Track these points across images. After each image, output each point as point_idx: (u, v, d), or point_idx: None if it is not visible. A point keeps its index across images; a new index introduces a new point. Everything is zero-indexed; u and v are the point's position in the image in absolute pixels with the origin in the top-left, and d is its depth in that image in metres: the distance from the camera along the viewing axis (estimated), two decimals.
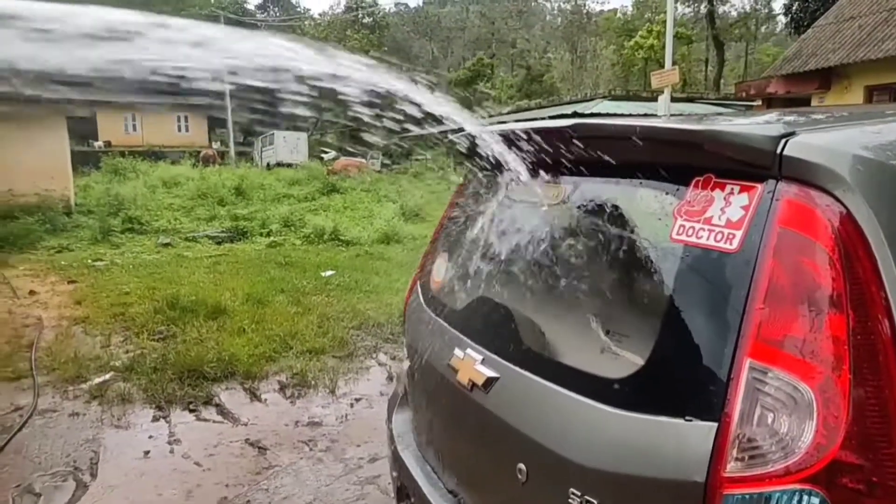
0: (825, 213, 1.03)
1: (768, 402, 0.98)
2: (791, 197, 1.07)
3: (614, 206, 1.37)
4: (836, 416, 0.94)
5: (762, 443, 0.97)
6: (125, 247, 11.24)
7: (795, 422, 0.96)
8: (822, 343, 0.97)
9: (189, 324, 5.91)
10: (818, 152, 1.06)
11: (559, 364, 1.34)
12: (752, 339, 1.02)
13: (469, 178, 2.05)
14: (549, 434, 1.29)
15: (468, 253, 1.86)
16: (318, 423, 4.05)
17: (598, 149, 1.31)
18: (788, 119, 1.39)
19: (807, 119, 1.39)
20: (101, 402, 4.33)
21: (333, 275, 8.34)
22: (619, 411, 1.16)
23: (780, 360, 0.99)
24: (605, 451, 1.17)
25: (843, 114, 1.60)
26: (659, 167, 1.22)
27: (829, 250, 1.01)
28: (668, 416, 1.08)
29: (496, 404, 1.46)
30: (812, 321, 0.99)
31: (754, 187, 1.11)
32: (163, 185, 17.25)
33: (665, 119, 1.18)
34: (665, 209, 1.23)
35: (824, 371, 0.96)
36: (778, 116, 1.49)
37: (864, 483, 0.93)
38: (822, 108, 1.09)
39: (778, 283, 1.03)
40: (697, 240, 1.15)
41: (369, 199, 17.22)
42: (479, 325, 1.65)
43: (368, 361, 5.18)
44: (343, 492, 3.21)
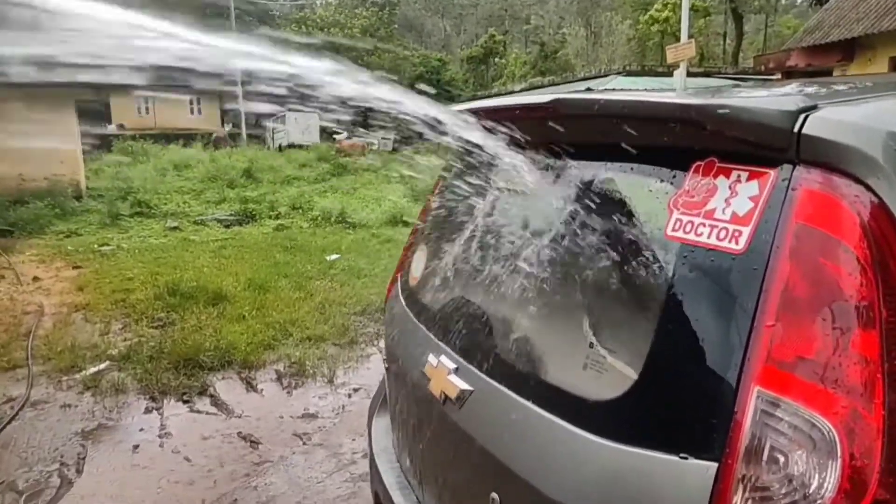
0: (853, 204, 0.84)
1: (780, 442, 0.79)
2: (811, 185, 0.87)
3: (601, 196, 1.17)
4: (866, 461, 0.75)
5: (772, 489, 0.79)
6: (133, 231, 11.19)
7: (815, 466, 0.77)
8: (849, 367, 0.78)
9: (189, 311, 5.81)
10: (845, 130, 0.86)
11: (538, 380, 1.16)
12: (760, 363, 0.83)
13: (450, 166, 1.86)
14: (525, 462, 1.11)
15: (446, 248, 1.68)
16: (314, 416, 3.92)
17: (583, 129, 1.12)
18: (808, 91, 1.18)
19: (829, 90, 1.18)
20: (95, 392, 4.22)
21: (338, 258, 8.19)
22: (603, 441, 0.98)
23: (795, 389, 0.80)
24: (585, 487, 0.99)
25: (869, 84, 1.38)
26: (653, 149, 1.03)
27: (857, 251, 0.82)
28: (660, 451, 0.90)
29: (469, 421, 1.28)
30: (836, 340, 0.80)
31: (766, 174, 0.91)
32: (173, 168, 17.16)
33: (663, 93, 0.98)
34: (660, 200, 1.03)
35: (851, 403, 0.77)
36: (796, 88, 1.28)
37: None
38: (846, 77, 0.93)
39: (794, 293, 0.84)
40: (697, 238, 0.96)
41: (379, 180, 17.02)
42: (454, 329, 1.47)
43: (369, 349, 5.03)
44: (335, 489, 3.08)
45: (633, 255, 1.06)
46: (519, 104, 1.25)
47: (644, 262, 1.04)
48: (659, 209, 1.02)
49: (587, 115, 1.09)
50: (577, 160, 1.21)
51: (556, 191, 1.25)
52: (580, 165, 1.21)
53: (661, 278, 0.99)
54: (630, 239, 1.08)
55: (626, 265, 1.07)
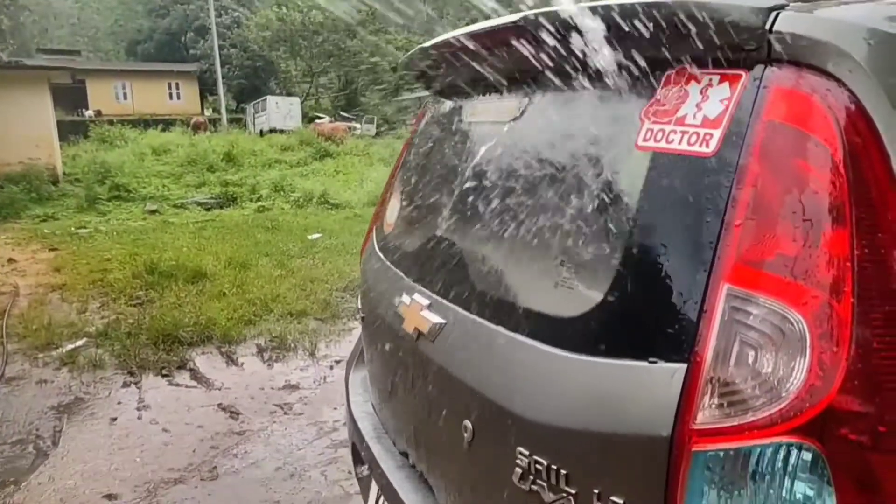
0: (825, 100, 0.81)
1: (750, 337, 0.78)
2: (782, 83, 0.85)
3: (574, 114, 1.14)
4: (834, 350, 0.73)
5: (741, 387, 0.77)
6: (111, 214, 11.04)
7: (784, 359, 0.75)
8: (819, 262, 0.76)
9: (168, 288, 5.74)
10: (817, 25, 0.84)
11: (509, 304, 1.14)
12: (730, 261, 0.81)
13: (423, 109, 1.82)
14: (496, 385, 1.09)
15: (418, 190, 1.64)
16: (295, 387, 3.89)
17: (555, 45, 1.08)
18: None
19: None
20: (72, 368, 4.16)
21: (320, 238, 8.13)
22: (572, 355, 0.96)
23: (766, 284, 0.78)
24: (556, 402, 0.97)
25: None
26: (624, 58, 1.00)
27: (829, 146, 0.80)
28: (630, 358, 0.88)
29: (442, 354, 1.26)
30: (807, 235, 0.78)
31: (738, 76, 0.89)
32: (152, 153, 16.89)
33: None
34: (632, 112, 1.01)
35: (821, 295, 0.75)
36: None
37: (868, 434, 0.73)
38: None
39: (764, 190, 0.82)
40: (668, 145, 0.93)
41: (362, 164, 16.90)
42: (427, 267, 1.44)
43: (352, 323, 4.99)
44: (315, 455, 3.06)
45: (603, 169, 1.04)
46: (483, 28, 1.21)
47: (615, 174, 1.01)
48: (631, 121, 1.00)
49: (558, 29, 1.05)
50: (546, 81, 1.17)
51: (531, 115, 1.22)
52: (549, 86, 1.17)
53: (633, 188, 0.97)
54: (602, 155, 1.06)
55: (598, 180, 1.04)
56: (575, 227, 1.06)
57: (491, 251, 1.24)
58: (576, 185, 1.08)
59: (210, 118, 30.19)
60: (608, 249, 0.98)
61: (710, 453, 0.78)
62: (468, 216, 1.32)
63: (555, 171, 1.14)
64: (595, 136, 1.09)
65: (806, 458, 0.74)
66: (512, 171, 1.23)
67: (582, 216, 1.04)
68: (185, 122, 25.70)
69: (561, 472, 0.94)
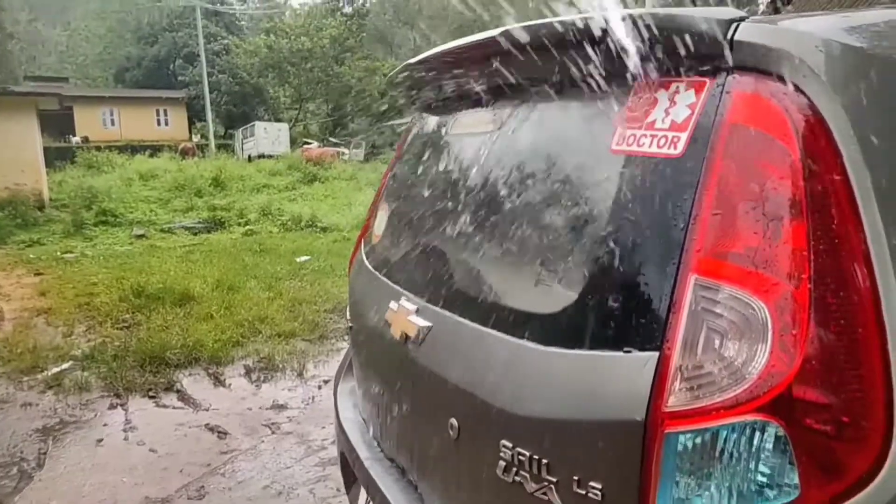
0: (783, 104, 0.88)
1: (716, 323, 0.82)
2: (744, 88, 0.91)
3: (552, 123, 1.20)
4: (794, 334, 0.78)
5: (708, 371, 0.82)
6: (98, 239, 11.00)
7: (747, 344, 0.80)
8: (779, 252, 0.82)
9: (155, 311, 5.72)
10: (774, 35, 0.90)
11: (492, 304, 1.18)
12: (697, 254, 0.86)
13: (410, 125, 1.88)
14: (480, 382, 1.13)
15: (405, 201, 1.69)
16: (283, 406, 3.88)
17: (533, 58, 1.14)
18: (745, 11, 1.23)
19: (765, 11, 1.23)
20: (57, 391, 4.13)
21: (308, 260, 8.15)
22: (551, 349, 1.01)
23: (730, 275, 0.83)
24: (537, 395, 1.01)
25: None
26: (599, 68, 1.06)
27: (787, 146, 0.86)
28: (606, 349, 0.93)
29: (429, 356, 1.30)
30: (767, 228, 0.83)
31: (703, 82, 0.95)
32: (139, 178, 16.86)
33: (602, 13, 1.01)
34: (607, 118, 1.06)
35: (781, 284, 0.81)
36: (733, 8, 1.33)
37: (826, 412, 0.77)
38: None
39: (727, 188, 0.87)
40: (639, 148, 0.99)
41: (350, 188, 16.98)
42: (413, 274, 1.48)
43: (340, 344, 5.00)
44: (304, 473, 3.05)
45: (580, 174, 1.09)
46: (465, 44, 1.27)
47: (591, 178, 1.07)
48: (606, 127, 1.05)
49: (537, 42, 1.11)
50: (526, 93, 1.23)
51: (512, 125, 1.27)
52: (530, 97, 1.23)
53: (607, 190, 1.02)
54: (578, 160, 1.11)
55: (575, 184, 1.10)
56: (553, 229, 1.11)
57: (475, 255, 1.28)
58: (553, 190, 1.13)
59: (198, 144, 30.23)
60: (585, 248, 1.03)
61: (681, 434, 0.82)
62: (453, 224, 1.36)
63: (534, 178, 1.19)
64: (572, 142, 1.15)
65: (769, 436, 0.78)
66: (493, 179, 1.28)
67: (559, 218, 1.09)
68: (173, 148, 25.71)
69: (542, 462, 0.98)
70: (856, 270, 0.81)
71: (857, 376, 0.78)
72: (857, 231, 0.82)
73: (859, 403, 0.78)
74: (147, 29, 40.52)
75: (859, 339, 0.79)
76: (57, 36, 47.22)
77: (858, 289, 0.80)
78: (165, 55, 39.62)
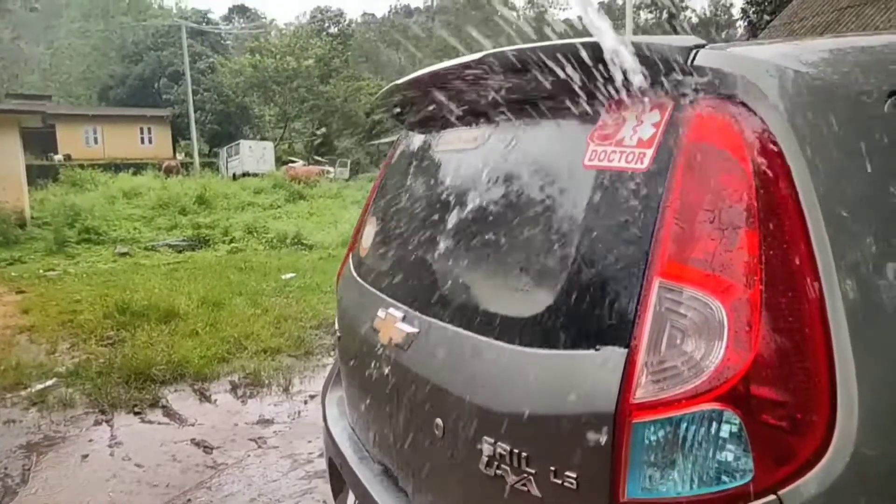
0: (737, 123, 0.96)
1: (679, 322, 0.90)
2: (702, 109, 1.00)
3: (531, 140, 1.29)
4: (748, 331, 0.86)
5: (672, 365, 0.89)
6: (81, 257, 10.94)
7: (706, 340, 0.88)
8: (734, 257, 0.90)
9: (140, 328, 5.71)
10: (729, 61, 1.00)
11: (472, 309, 1.25)
12: (662, 259, 0.94)
13: (397, 142, 1.96)
14: (464, 383, 1.20)
15: (392, 215, 1.77)
16: (269, 421, 3.91)
17: (513, 79, 1.23)
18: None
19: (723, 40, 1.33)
20: (41, 408, 4.11)
21: (294, 277, 8.17)
22: (529, 350, 1.08)
23: (691, 277, 0.92)
24: (516, 393, 1.08)
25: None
26: (574, 90, 1.14)
27: (741, 162, 0.94)
28: (579, 348, 1.00)
29: (415, 360, 1.36)
30: (724, 235, 0.92)
31: (666, 103, 1.04)
32: (123, 196, 16.82)
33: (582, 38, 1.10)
34: (580, 136, 1.15)
35: (736, 286, 0.89)
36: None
37: (778, 402, 0.85)
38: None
39: (688, 199, 0.96)
40: (609, 163, 1.07)
41: (336, 206, 17.04)
42: (400, 284, 1.56)
43: (326, 360, 5.03)
44: (290, 486, 3.08)
45: (558, 188, 1.17)
46: (449, 66, 1.36)
47: (567, 192, 1.15)
48: (579, 145, 1.14)
49: (515, 65, 1.20)
50: (506, 112, 1.32)
51: (493, 142, 1.36)
52: (510, 117, 1.32)
53: (581, 201, 1.10)
54: (556, 175, 1.20)
55: (552, 197, 1.18)
56: (530, 239, 1.19)
57: (459, 265, 1.36)
58: (530, 203, 1.21)
59: (182, 162, 30.14)
60: (559, 256, 1.11)
61: (647, 424, 0.89)
62: (438, 235, 1.44)
63: (512, 192, 1.27)
64: (548, 158, 1.24)
65: (726, 425, 0.86)
66: (475, 194, 1.36)
67: (536, 229, 1.18)
68: (157, 166, 25.65)
69: (522, 455, 1.05)
70: (803, 274, 0.89)
71: (804, 370, 0.87)
72: (804, 239, 0.91)
73: (806, 395, 0.86)
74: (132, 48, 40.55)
75: (806, 336, 0.88)
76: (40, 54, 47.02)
77: (805, 291, 0.89)
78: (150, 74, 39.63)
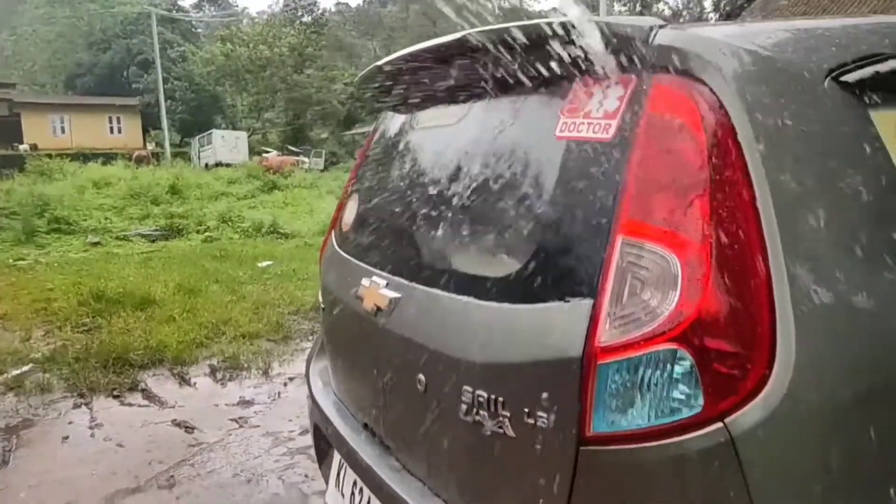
0: (693, 97, 1.07)
1: (639, 273, 1.01)
2: (662, 83, 1.10)
3: (507, 115, 1.38)
4: (699, 280, 0.97)
5: (632, 311, 1.00)
6: (51, 247, 10.77)
7: (662, 289, 0.98)
8: (688, 216, 1.00)
9: (116, 315, 5.69)
10: (686, 40, 1.10)
11: (453, 273, 1.35)
12: (624, 218, 1.04)
13: (378, 122, 2.04)
14: (445, 340, 1.29)
15: (373, 191, 1.85)
16: (250, 402, 3.96)
17: (489, 59, 1.32)
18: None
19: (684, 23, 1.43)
20: (18, 393, 4.11)
21: (271, 265, 8.18)
22: (506, 305, 1.18)
23: (650, 234, 1.02)
24: (493, 344, 1.18)
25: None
26: (546, 68, 1.24)
27: (695, 132, 1.05)
28: (550, 301, 1.10)
29: (398, 323, 1.45)
30: (679, 196, 1.02)
31: (629, 78, 1.14)
32: (93, 186, 16.54)
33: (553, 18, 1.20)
34: (553, 110, 1.24)
35: (690, 241, 0.99)
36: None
37: (725, 342, 0.96)
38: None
39: (648, 165, 1.06)
40: (578, 134, 1.17)
41: (311, 196, 16.99)
42: (383, 254, 1.64)
43: (304, 343, 5.09)
44: (272, 462, 3.15)
45: (532, 159, 1.27)
46: (430, 46, 1.44)
47: (538, 161, 1.25)
48: (552, 118, 1.23)
49: (491, 47, 1.29)
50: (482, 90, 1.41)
51: (472, 118, 1.45)
52: (486, 94, 1.41)
53: (553, 170, 1.20)
54: (528, 146, 1.29)
55: (527, 167, 1.28)
56: (506, 206, 1.28)
57: (438, 232, 1.45)
58: (506, 172, 1.31)
59: (153, 152, 29.69)
60: (533, 220, 1.21)
61: (611, 364, 1.00)
62: (418, 206, 1.52)
63: (489, 163, 1.36)
64: (522, 131, 1.33)
65: (679, 363, 0.96)
66: (454, 166, 1.45)
67: (511, 196, 1.27)
68: (128, 156, 25.24)
69: (498, 401, 1.14)
70: (749, 232, 1.00)
71: (748, 315, 0.97)
72: (750, 199, 1.01)
73: (749, 337, 0.97)
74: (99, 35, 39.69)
75: (751, 287, 0.98)
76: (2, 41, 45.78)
77: (750, 245, 0.99)
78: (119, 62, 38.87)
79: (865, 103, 1.16)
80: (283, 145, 34.14)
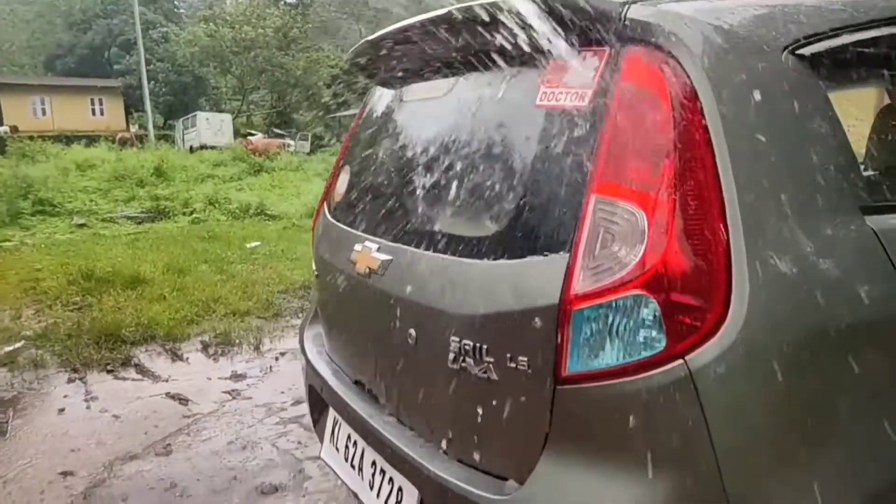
0: (662, 68, 1.16)
1: (611, 228, 1.11)
2: (633, 54, 1.19)
3: (491, 87, 1.47)
4: (663, 233, 1.07)
5: (603, 262, 1.10)
6: (36, 228, 10.71)
7: (631, 242, 1.08)
8: (655, 177, 1.10)
9: (106, 293, 5.74)
10: (655, 14, 1.19)
11: (441, 234, 1.44)
12: (598, 179, 1.14)
13: (368, 97, 2.12)
14: (434, 296, 1.39)
15: (365, 161, 1.94)
16: (242, 376, 4.05)
17: (473, 33, 1.40)
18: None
19: None
20: (12, 368, 4.17)
21: (259, 246, 8.23)
22: (489, 262, 1.28)
23: (621, 193, 1.12)
24: (478, 297, 1.28)
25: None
26: (525, 41, 1.32)
27: (663, 101, 1.14)
28: (531, 255, 1.20)
29: (390, 283, 1.55)
30: (648, 159, 1.12)
31: (603, 51, 1.23)
32: (76, 168, 16.38)
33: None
34: (533, 81, 1.34)
35: (656, 199, 1.09)
36: None
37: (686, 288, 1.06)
38: None
39: (620, 130, 1.16)
40: (556, 102, 1.27)
41: (298, 178, 16.96)
42: (374, 220, 1.73)
43: (294, 320, 5.18)
44: (266, 431, 3.25)
45: (511, 125, 1.37)
46: (416, 21, 1.52)
47: (520, 128, 1.34)
48: (532, 88, 1.33)
49: (475, 22, 1.37)
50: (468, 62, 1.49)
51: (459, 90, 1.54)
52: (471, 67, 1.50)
53: (532, 137, 1.29)
54: (510, 115, 1.39)
55: (506, 133, 1.37)
56: (490, 171, 1.38)
57: (427, 197, 1.54)
58: (489, 139, 1.40)
59: (137, 134, 29.36)
60: (514, 182, 1.30)
61: (584, 309, 1.10)
62: (408, 173, 1.62)
63: (474, 132, 1.46)
64: (504, 101, 1.42)
65: (645, 307, 1.07)
66: (442, 135, 1.54)
67: (495, 161, 1.37)
68: (111, 139, 24.93)
69: (483, 348, 1.25)
70: (709, 191, 1.10)
71: (707, 263, 1.08)
72: (711, 163, 1.11)
73: (708, 283, 1.08)
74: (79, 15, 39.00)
75: (709, 240, 1.09)
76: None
77: (711, 205, 1.10)
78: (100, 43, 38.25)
79: (821, 75, 1.26)
80: (268, 128, 33.91)
